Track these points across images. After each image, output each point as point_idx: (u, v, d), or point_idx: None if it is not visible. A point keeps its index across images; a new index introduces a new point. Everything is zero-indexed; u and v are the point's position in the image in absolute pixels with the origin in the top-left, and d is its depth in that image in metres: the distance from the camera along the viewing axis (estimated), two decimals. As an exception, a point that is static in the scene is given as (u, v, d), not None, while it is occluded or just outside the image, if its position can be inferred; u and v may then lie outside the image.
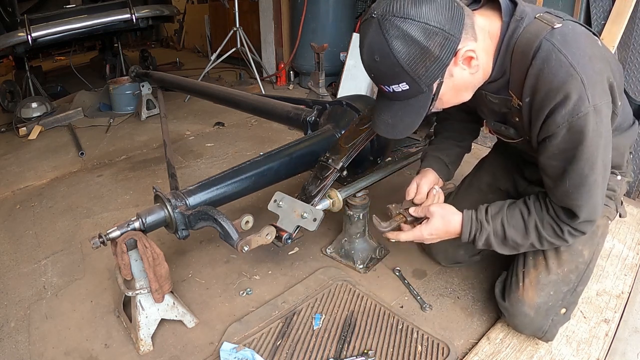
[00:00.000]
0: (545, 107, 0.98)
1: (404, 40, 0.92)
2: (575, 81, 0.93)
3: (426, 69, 0.96)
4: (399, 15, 0.91)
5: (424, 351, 1.29)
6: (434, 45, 0.93)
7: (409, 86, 0.99)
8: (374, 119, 1.15)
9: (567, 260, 1.24)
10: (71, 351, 1.36)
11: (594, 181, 1.01)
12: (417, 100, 1.03)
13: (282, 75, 4.35)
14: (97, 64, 5.38)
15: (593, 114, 0.94)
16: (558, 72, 0.94)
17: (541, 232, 1.13)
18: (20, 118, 3.44)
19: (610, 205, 1.31)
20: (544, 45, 0.96)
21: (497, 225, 1.18)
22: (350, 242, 1.68)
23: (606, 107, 0.98)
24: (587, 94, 0.93)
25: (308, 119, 1.91)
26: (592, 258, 1.26)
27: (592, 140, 0.97)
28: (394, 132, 1.11)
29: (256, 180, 1.53)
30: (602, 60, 0.99)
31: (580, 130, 0.96)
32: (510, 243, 1.18)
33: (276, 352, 1.30)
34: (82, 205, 2.23)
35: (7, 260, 1.84)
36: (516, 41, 1.01)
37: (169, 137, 2.09)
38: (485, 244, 1.21)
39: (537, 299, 1.22)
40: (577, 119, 0.95)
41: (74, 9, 3.71)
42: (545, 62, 0.96)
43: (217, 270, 1.70)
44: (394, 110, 1.08)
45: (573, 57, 0.94)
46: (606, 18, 2.13)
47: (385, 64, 0.96)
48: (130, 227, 1.26)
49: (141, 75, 3.37)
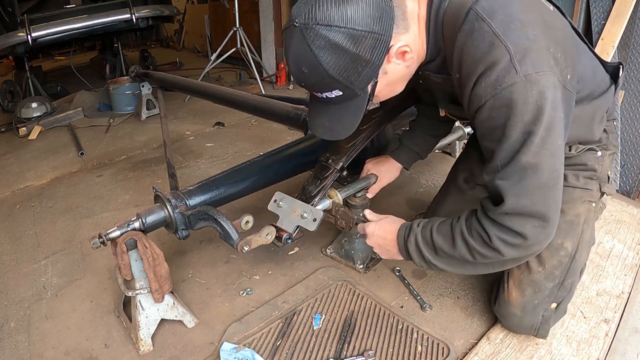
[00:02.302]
0: (469, 80, 0.90)
1: (331, 50, 0.86)
2: (499, 50, 0.84)
3: (358, 74, 0.91)
4: (322, 22, 0.84)
5: (424, 351, 1.29)
6: (364, 50, 0.87)
7: (342, 92, 0.95)
8: (311, 122, 1.11)
9: (547, 257, 1.19)
10: (71, 351, 1.36)
11: (527, 164, 0.88)
12: (353, 102, 1.00)
13: (282, 75, 4.35)
14: (97, 64, 5.39)
15: (523, 85, 0.84)
16: (481, 42, 0.86)
17: (467, 240, 1.01)
18: (20, 118, 3.45)
19: (591, 187, 1.21)
20: (469, 15, 0.88)
21: (425, 231, 1.10)
22: (350, 242, 1.68)
23: (546, 77, 0.85)
24: (513, 63, 0.83)
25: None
26: (577, 248, 1.20)
27: (523, 115, 0.85)
28: (333, 134, 1.08)
29: (256, 180, 1.53)
30: (541, 26, 0.88)
31: (507, 104, 0.85)
32: (442, 254, 1.08)
33: (276, 352, 1.30)
34: (82, 205, 2.23)
35: (7, 260, 1.84)
36: (443, 17, 0.94)
37: (169, 137, 2.09)
38: (417, 253, 1.12)
39: (521, 298, 1.23)
40: (502, 91, 0.85)
41: (74, 9, 3.72)
42: (468, 34, 0.88)
43: (217, 270, 1.70)
44: (330, 114, 1.05)
45: (498, 25, 0.85)
46: (606, 18, 2.13)
47: (314, 75, 0.91)
48: (130, 227, 1.26)
49: (141, 75, 3.37)
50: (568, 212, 1.19)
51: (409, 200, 2.13)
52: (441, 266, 1.11)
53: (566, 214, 1.19)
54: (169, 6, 4.21)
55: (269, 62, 4.56)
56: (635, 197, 2.12)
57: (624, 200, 2.02)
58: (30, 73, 3.91)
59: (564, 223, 1.17)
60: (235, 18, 4.01)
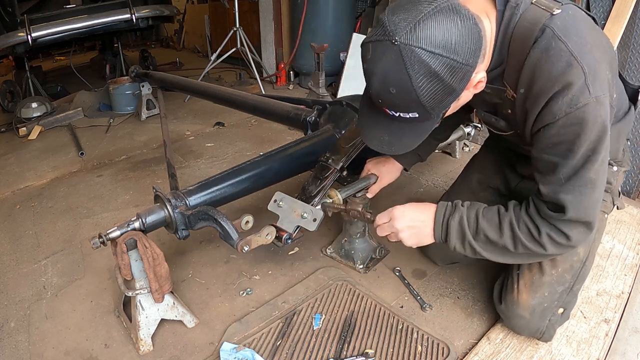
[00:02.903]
0: (542, 96, 0.92)
1: (428, 77, 0.83)
2: (576, 70, 0.87)
3: (441, 102, 0.90)
4: (426, 47, 0.80)
5: (424, 351, 1.29)
6: (455, 80, 0.86)
7: (419, 115, 0.92)
8: (365, 132, 1.08)
9: (560, 260, 1.21)
10: (71, 351, 1.36)
11: (589, 179, 0.95)
12: (422, 124, 0.98)
13: (282, 75, 4.35)
14: (97, 64, 5.38)
15: (594, 106, 0.89)
16: (558, 61, 0.88)
17: (515, 231, 1.04)
18: (20, 118, 3.44)
19: (606, 199, 1.26)
20: (546, 33, 0.90)
21: (471, 213, 1.12)
22: (350, 242, 1.68)
23: (605, 99, 0.91)
24: (587, 84, 0.87)
25: (308, 119, 1.91)
26: (588, 256, 1.24)
27: (591, 134, 0.90)
28: (390, 149, 1.05)
29: (256, 180, 1.53)
30: (601, 48, 0.94)
31: (579, 122, 0.89)
32: (482, 238, 1.09)
33: (276, 352, 1.30)
34: (82, 205, 2.23)
35: (7, 260, 1.84)
36: (513, 30, 0.95)
37: (169, 137, 2.09)
38: (458, 233, 1.12)
39: (532, 300, 1.22)
40: (576, 110, 0.89)
41: (74, 9, 3.71)
42: (544, 51, 0.90)
43: (217, 270, 1.70)
44: (392, 129, 1.02)
45: (574, 46, 0.88)
46: (606, 18, 2.13)
47: (401, 98, 0.88)
48: (130, 227, 1.26)
49: (141, 75, 3.37)
50: None
51: (409, 200, 2.10)
52: (478, 249, 1.12)
53: None
54: (169, 6, 4.20)
55: (269, 62, 4.56)
56: (635, 197, 2.12)
57: (624, 200, 2.02)
58: (30, 73, 3.90)
59: None
60: (235, 18, 4.01)
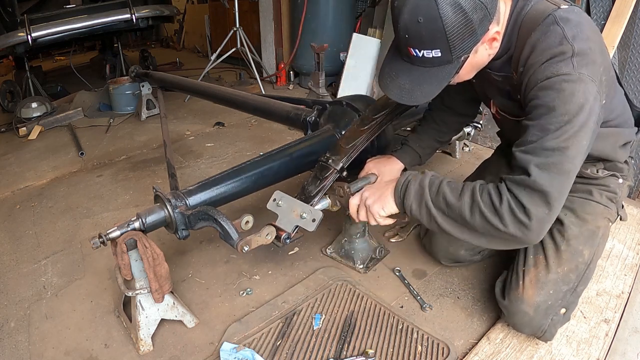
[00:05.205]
0: (532, 67, 0.99)
1: (454, 7, 0.91)
2: (566, 47, 0.95)
3: (462, 41, 0.96)
4: None
5: (424, 351, 1.29)
6: (476, 19, 0.94)
7: (441, 54, 0.98)
8: (386, 82, 1.09)
9: (567, 259, 1.24)
10: (71, 351, 1.36)
11: (558, 147, 0.95)
12: (441, 70, 1.02)
13: (282, 75, 4.35)
14: (97, 64, 5.38)
15: (576, 80, 0.93)
16: (552, 40, 0.97)
17: (476, 197, 1.04)
18: (20, 118, 3.44)
19: (611, 207, 1.31)
20: (547, 19, 0.99)
21: (436, 179, 1.14)
22: (350, 242, 1.68)
23: (593, 83, 0.94)
24: (573, 61, 0.94)
25: (308, 119, 1.91)
26: (592, 259, 1.26)
27: (567, 106, 0.93)
28: (410, 98, 1.06)
29: (256, 180, 1.53)
30: (599, 50, 0.99)
31: (558, 89, 0.94)
32: (441, 201, 1.09)
33: (276, 352, 1.30)
34: (82, 205, 2.23)
35: (7, 260, 1.84)
36: (523, 18, 1.04)
37: (169, 137, 2.09)
38: (417, 194, 1.14)
39: (537, 297, 1.22)
40: (556, 77, 0.94)
41: (74, 9, 3.71)
42: (543, 33, 0.99)
43: (217, 270, 1.70)
44: (414, 76, 1.05)
45: (569, 31, 0.96)
46: (606, 18, 2.13)
47: (428, 28, 0.93)
48: (130, 227, 1.25)
49: (141, 75, 3.37)
50: (591, 222, 1.27)
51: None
52: (434, 212, 1.11)
53: (589, 223, 1.27)
54: (169, 6, 4.20)
55: (269, 62, 4.56)
56: (635, 197, 2.13)
57: (624, 200, 2.01)
58: (30, 73, 3.90)
59: (586, 231, 1.26)
60: (235, 18, 4.01)
